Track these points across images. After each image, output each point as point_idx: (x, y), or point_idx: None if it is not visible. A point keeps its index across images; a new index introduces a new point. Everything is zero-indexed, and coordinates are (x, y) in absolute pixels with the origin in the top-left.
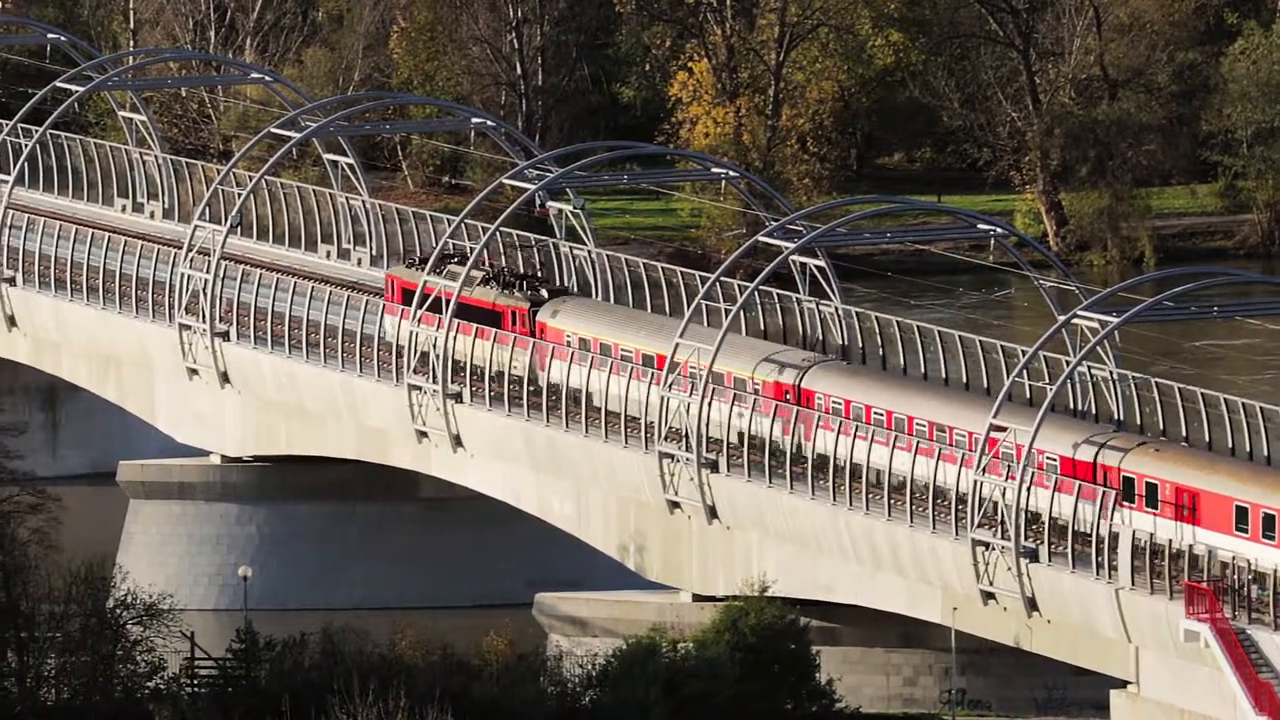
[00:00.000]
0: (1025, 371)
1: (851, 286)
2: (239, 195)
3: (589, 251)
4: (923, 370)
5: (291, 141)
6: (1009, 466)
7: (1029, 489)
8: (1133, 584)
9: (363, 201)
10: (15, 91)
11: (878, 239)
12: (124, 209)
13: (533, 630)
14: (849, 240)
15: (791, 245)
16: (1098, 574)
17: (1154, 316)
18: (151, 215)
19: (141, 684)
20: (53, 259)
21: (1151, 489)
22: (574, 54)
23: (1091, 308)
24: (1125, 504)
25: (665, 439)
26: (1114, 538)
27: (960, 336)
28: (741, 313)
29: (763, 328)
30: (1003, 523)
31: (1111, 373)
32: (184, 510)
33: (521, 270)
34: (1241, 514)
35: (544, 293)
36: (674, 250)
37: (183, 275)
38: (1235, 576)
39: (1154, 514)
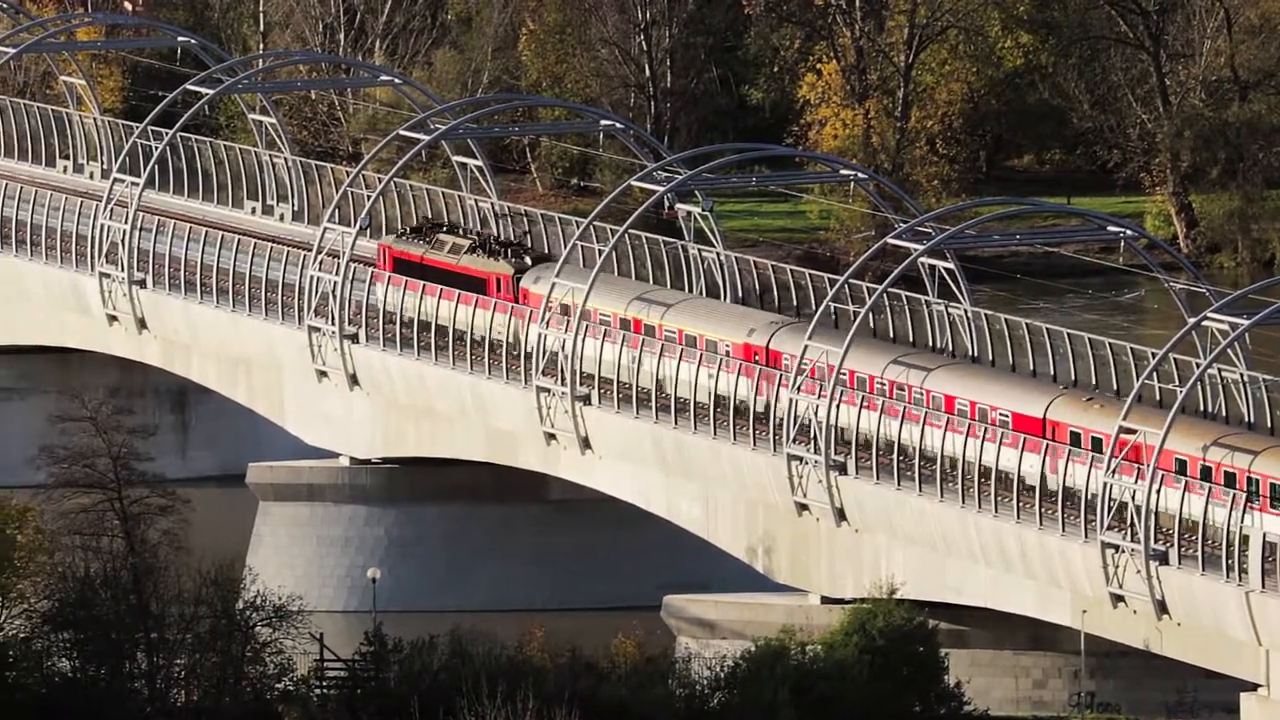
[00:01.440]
0: (1155, 374)
1: (981, 289)
2: (368, 198)
3: (717, 254)
4: (1051, 372)
5: (421, 144)
6: (1138, 469)
7: (1159, 491)
8: (1263, 586)
9: (491, 204)
10: (146, 94)
11: (1007, 241)
12: (253, 211)
13: (661, 632)
14: (978, 242)
15: (920, 247)
16: (1228, 576)
17: None
18: (281, 218)
19: (271, 685)
20: (183, 261)
21: None
22: (703, 56)
23: (1222, 310)
24: (1255, 506)
25: (794, 441)
26: (1244, 540)
27: (1089, 339)
28: (870, 315)
29: (891, 330)
30: (1132, 525)
31: (1242, 375)
32: (313, 512)
33: (506, 238)
34: None
35: (527, 259)
36: (803, 253)
37: (312, 278)
38: None
39: None
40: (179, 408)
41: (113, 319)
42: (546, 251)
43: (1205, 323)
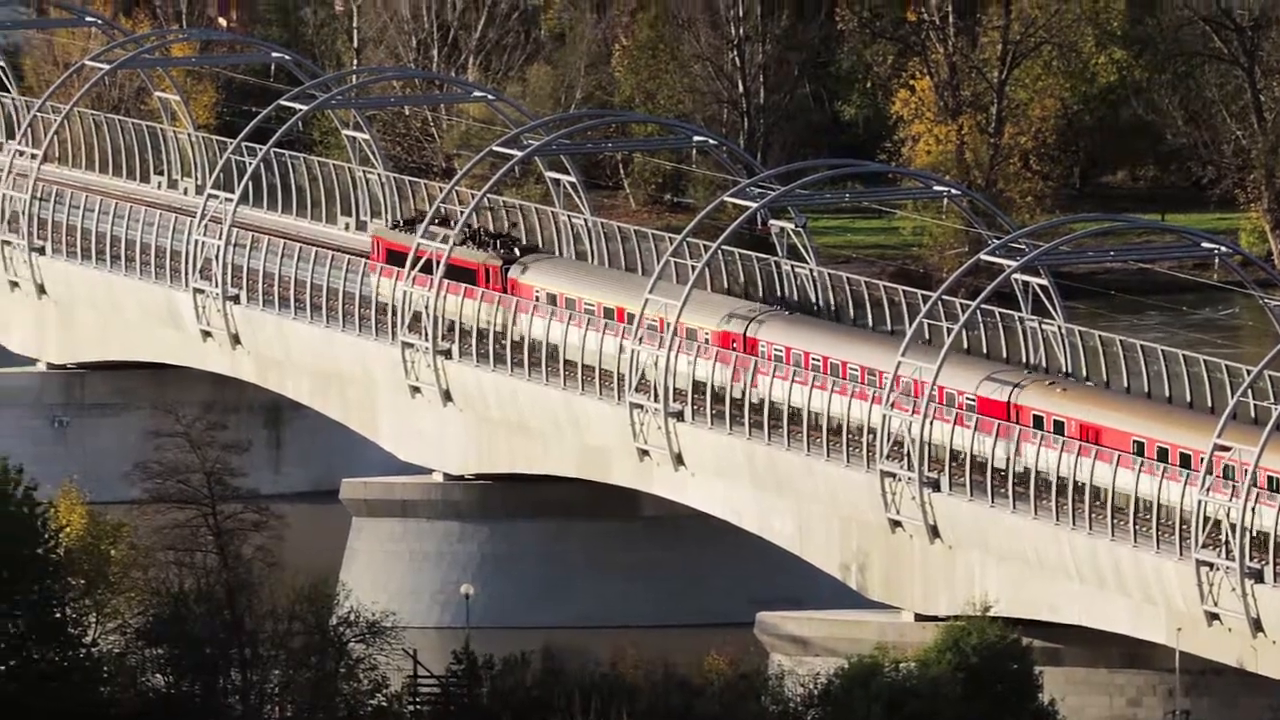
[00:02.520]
0: (1250, 391)
1: (1074, 305)
2: (461, 213)
3: (810, 270)
4: (1146, 389)
5: (514, 160)
6: (1233, 485)
7: (1253, 509)
8: None
9: (585, 220)
10: (240, 110)
11: (1101, 257)
12: (347, 227)
13: (754, 649)
14: (1072, 259)
15: (1014, 263)
16: None
17: None
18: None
19: (364, 701)
20: (276, 277)
21: None
22: (796, 72)
23: None
24: None
25: (887, 457)
26: None
27: (1184, 355)
28: (963, 331)
29: (984, 346)
30: (1227, 543)
31: None
32: (406, 528)
33: (496, 230)
34: None
35: (516, 250)
36: (896, 269)
37: (405, 294)
38: None
39: None
40: (273, 423)
41: (207, 335)
42: (533, 243)
43: None
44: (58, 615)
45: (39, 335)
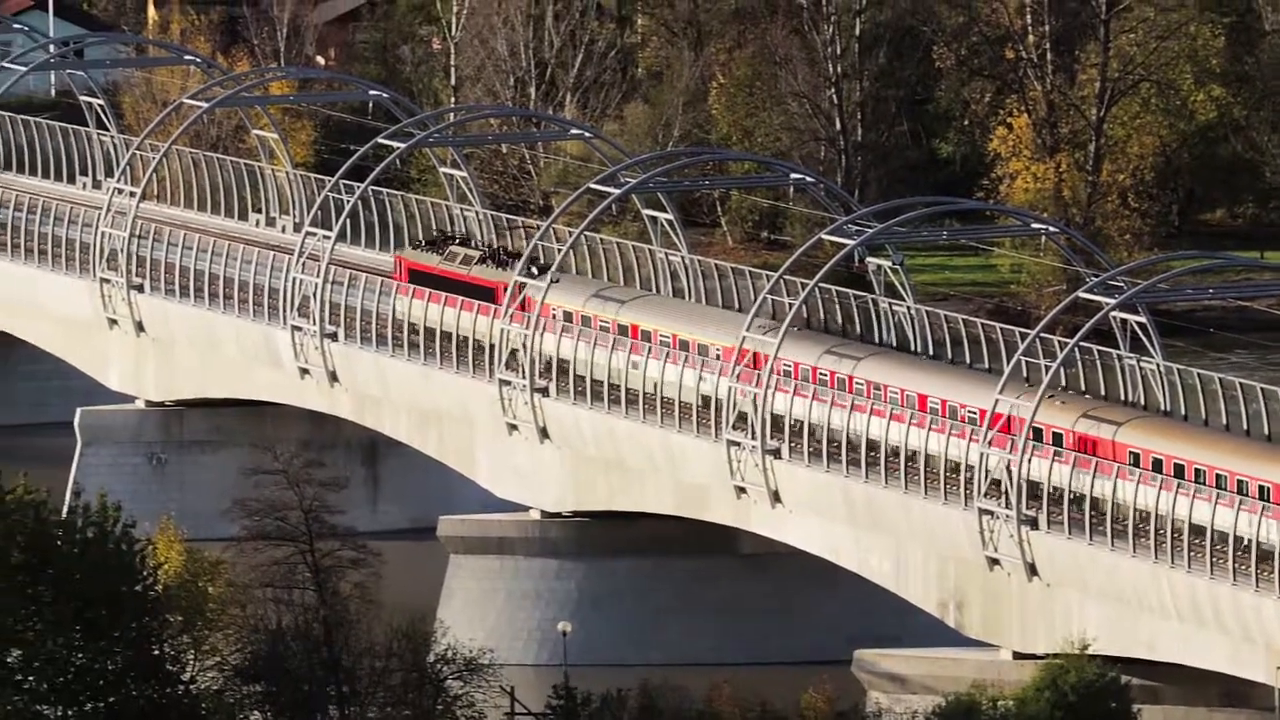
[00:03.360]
0: None
1: (1173, 343)
2: (558, 251)
3: (908, 307)
4: (1245, 427)
5: (611, 197)
6: None
7: None
8: None
9: (682, 257)
10: (337, 148)
11: (1199, 295)
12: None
13: (852, 687)
14: (1170, 296)
15: (1112, 301)
16: None
17: None
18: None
19: None
20: (374, 315)
21: None
22: (893, 109)
23: None
24: None
25: (984, 495)
26: None
27: None
28: (1061, 369)
29: (1083, 384)
30: None
31: None
32: (503, 565)
33: (513, 249)
34: None
35: (533, 270)
36: (993, 306)
37: (502, 331)
38: None
39: None
40: (370, 461)
41: (305, 372)
42: (548, 263)
43: None
44: (156, 652)
45: (138, 373)
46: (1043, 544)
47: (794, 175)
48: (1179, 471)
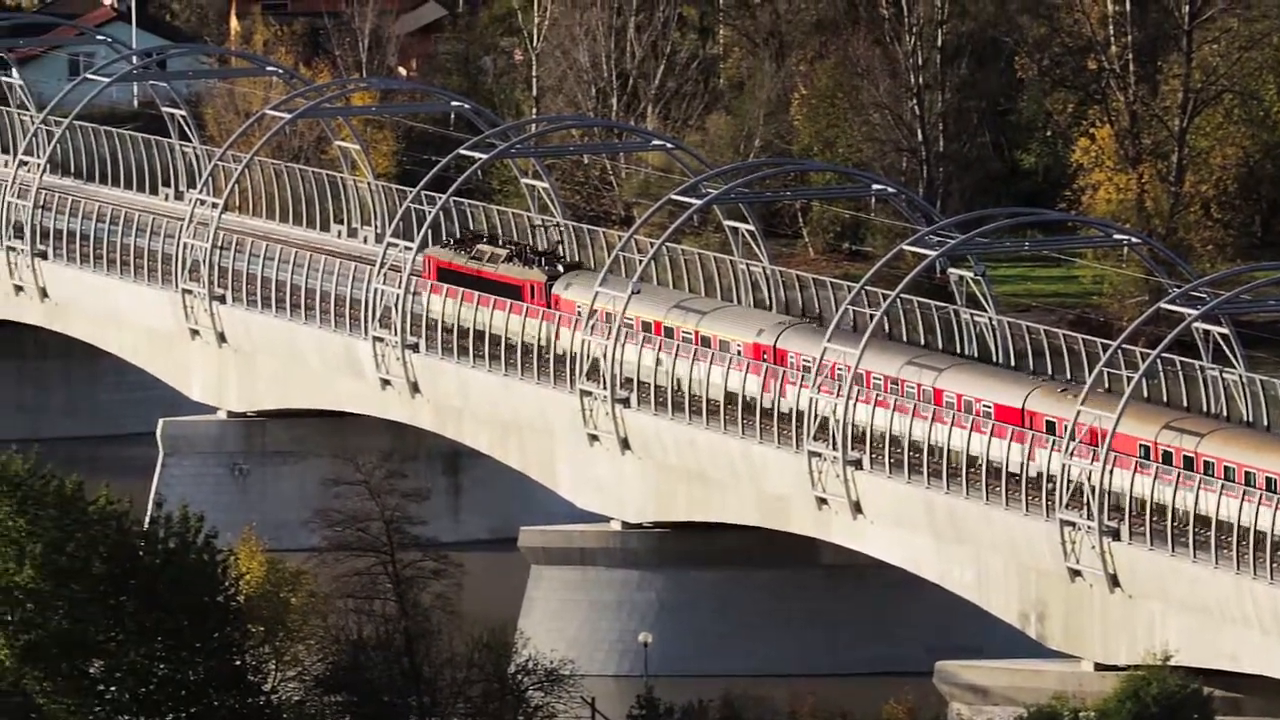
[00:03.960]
0: None
1: (1256, 354)
2: (639, 262)
3: (990, 318)
4: None
5: (693, 208)
6: None
7: None
8: None
9: (763, 268)
10: (419, 159)
11: None
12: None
13: (933, 698)
14: (1253, 307)
15: (1195, 312)
16: None
17: None
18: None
19: None
20: (455, 326)
21: None
22: (975, 120)
23: None
24: None
25: (1066, 506)
26: None
27: None
28: (1143, 380)
29: (1164, 394)
30: None
31: None
32: (584, 576)
33: (540, 248)
34: None
35: (559, 267)
36: (1075, 317)
37: (583, 342)
38: None
39: None
40: (451, 471)
41: (386, 383)
42: (581, 262)
43: None
44: (237, 663)
45: (220, 383)
46: (1124, 555)
47: (876, 186)
48: (1269, 485)
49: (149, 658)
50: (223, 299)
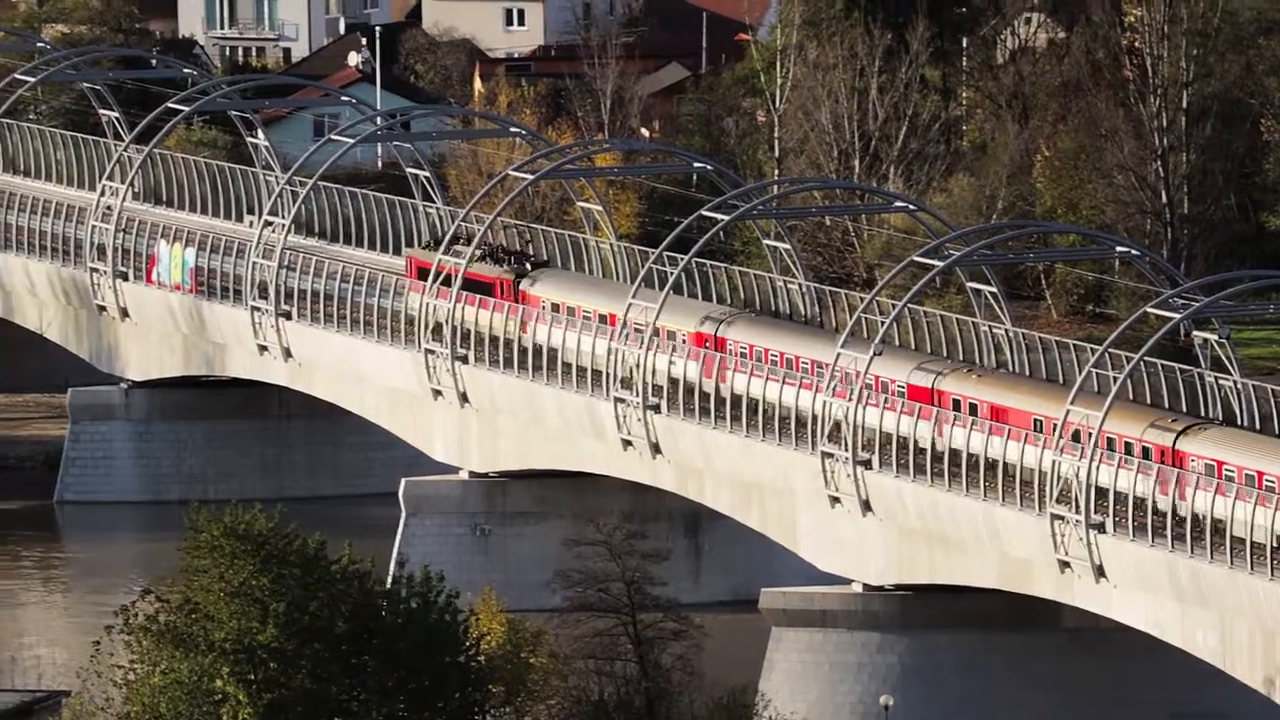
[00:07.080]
0: None
1: None
2: (881, 324)
3: (1234, 381)
4: None
5: (936, 269)
6: None
7: None
8: None
9: (1005, 329)
10: (661, 220)
11: None
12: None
13: None
14: None
15: None
16: None
17: None
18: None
19: None
20: (697, 388)
21: None
22: (1221, 182)
23: None
24: None
25: None
26: None
27: None
28: None
29: None
30: None
31: None
32: (825, 638)
33: (512, 248)
34: None
35: (526, 265)
36: None
37: (824, 403)
38: None
39: None
40: (692, 532)
41: (627, 443)
42: (543, 258)
43: None
44: None
45: (461, 444)
46: None
47: (1119, 248)
48: None
49: (390, 718)
50: (465, 359)
